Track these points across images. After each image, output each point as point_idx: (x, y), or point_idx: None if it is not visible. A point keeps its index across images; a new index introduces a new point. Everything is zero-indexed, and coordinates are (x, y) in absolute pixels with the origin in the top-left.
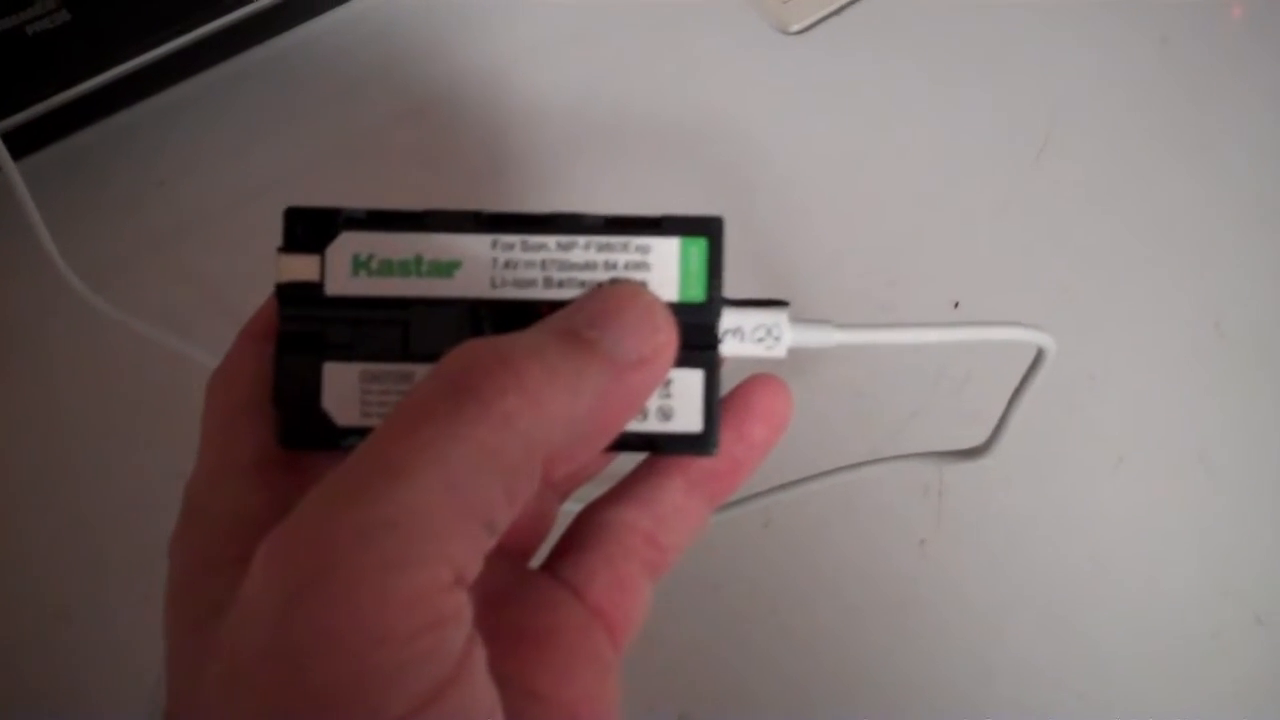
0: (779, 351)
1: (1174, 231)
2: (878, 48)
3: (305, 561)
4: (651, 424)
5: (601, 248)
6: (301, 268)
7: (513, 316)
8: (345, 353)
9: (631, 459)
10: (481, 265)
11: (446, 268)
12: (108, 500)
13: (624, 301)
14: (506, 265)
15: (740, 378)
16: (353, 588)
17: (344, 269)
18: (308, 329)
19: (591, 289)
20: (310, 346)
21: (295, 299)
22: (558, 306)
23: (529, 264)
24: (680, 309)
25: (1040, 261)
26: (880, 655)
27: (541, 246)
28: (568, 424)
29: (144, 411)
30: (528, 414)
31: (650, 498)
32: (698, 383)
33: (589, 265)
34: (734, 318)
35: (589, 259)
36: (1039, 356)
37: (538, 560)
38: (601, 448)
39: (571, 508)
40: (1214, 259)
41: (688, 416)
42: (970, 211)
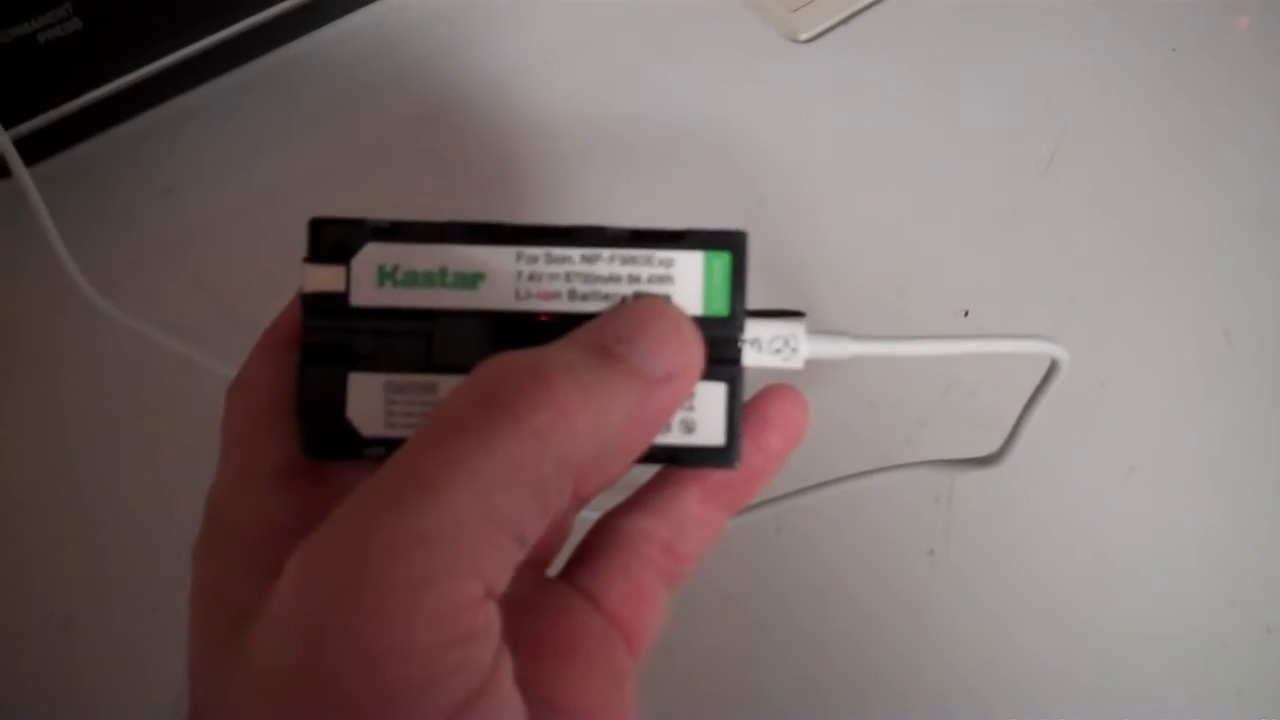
0: (796, 363)
1: (1183, 241)
2: (887, 56)
3: (337, 574)
4: (675, 436)
5: (625, 260)
6: (327, 278)
7: (537, 329)
8: (370, 363)
9: (648, 466)
10: (505, 277)
11: (471, 279)
12: (113, 505)
13: (652, 317)
14: (530, 278)
15: (756, 387)
16: (384, 602)
17: (369, 280)
18: (333, 339)
19: (618, 303)
20: (335, 357)
21: (320, 310)
22: (583, 320)
23: (553, 276)
24: (703, 323)
25: (1050, 270)
26: (892, 661)
27: (565, 259)
28: (598, 439)
29: (152, 416)
30: (560, 429)
31: (667, 507)
32: (721, 396)
33: (613, 278)
34: (752, 328)
35: (613, 272)
36: (1053, 368)
37: (555, 568)
38: (629, 462)
39: (589, 516)
40: (1223, 268)
41: (711, 430)
42: (980, 220)
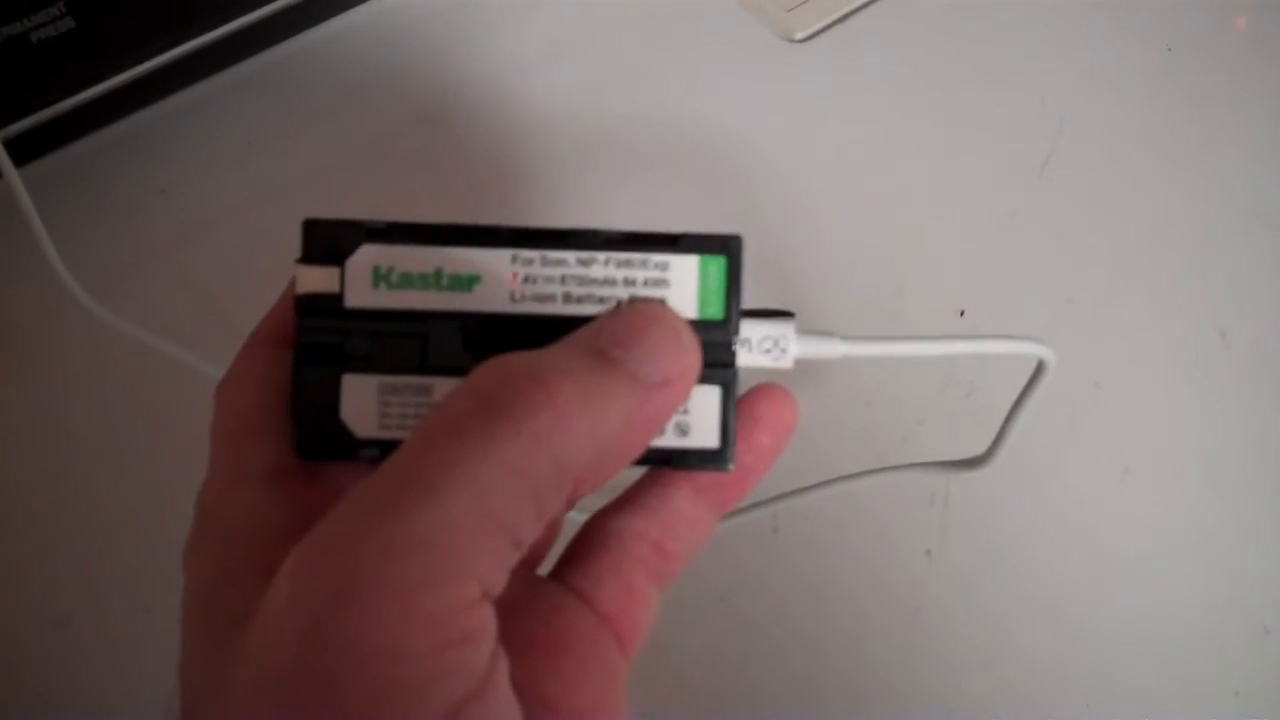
0: (785, 363)
1: (1179, 241)
2: (882, 56)
3: (334, 575)
4: (669, 439)
5: (621, 264)
6: (321, 279)
7: (532, 332)
8: (364, 365)
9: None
10: (501, 280)
11: (466, 282)
12: (108, 507)
13: (649, 322)
14: (526, 280)
15: (746, 387)
16: (381, 603)
17: (364, 281)
18: (326, 341)
19: (614, 307)
20: (329, 358)
21: (314, 311)
22: (578, 323)
23: (549, 279)
24: (698, 326)
25: (1046, 270)
26: (889, 662)
27: (561, 262)
28: (595, 443)
29: (145, 418)
30: (558, 433)
31: (657, 506)
32: (715, 399)
33: (608, 281)
34: (742, 329)
35: (609, 275)
36: (1039, 369)
37: (545, 567)
38: (624, 466)
39: (578, 516)
40: (1219, 269)
41: (705, 433)
42: (976, 220)
